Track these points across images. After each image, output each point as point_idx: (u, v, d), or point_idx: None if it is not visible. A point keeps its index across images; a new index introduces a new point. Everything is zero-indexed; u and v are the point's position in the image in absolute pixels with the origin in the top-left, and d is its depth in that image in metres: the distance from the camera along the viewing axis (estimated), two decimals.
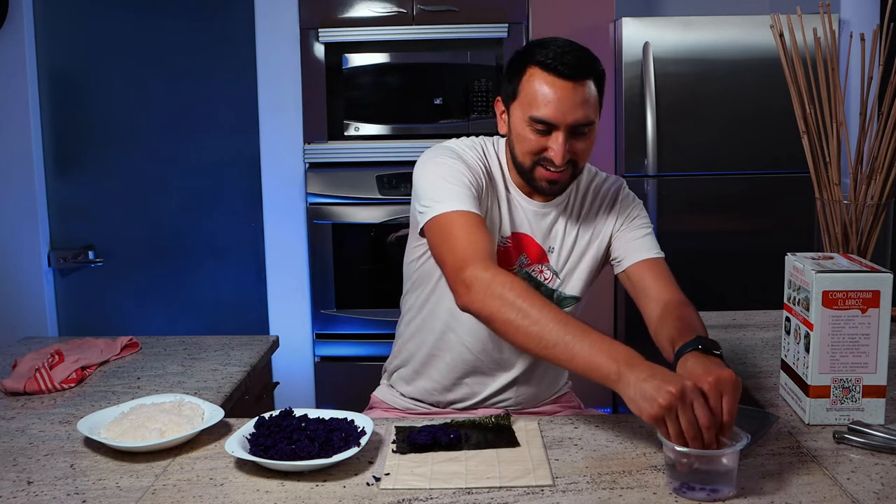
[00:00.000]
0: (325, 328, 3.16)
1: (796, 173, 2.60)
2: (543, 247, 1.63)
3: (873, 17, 2.97)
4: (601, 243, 1.65)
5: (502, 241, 1.60)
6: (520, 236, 1.61)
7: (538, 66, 1.47)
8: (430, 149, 1.60)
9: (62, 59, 3.26)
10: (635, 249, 1.61)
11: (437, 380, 1.68)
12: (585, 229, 1.65)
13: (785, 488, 1.15)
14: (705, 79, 2.97)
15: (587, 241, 1.65)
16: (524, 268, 1.62)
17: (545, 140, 1.49)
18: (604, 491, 1.15)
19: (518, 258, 1.61)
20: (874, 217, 1.84)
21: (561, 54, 1.46)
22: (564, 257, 1.64)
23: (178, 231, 3.33)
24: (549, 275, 1.63)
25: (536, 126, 1.48)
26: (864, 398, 1.33)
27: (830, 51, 1.85)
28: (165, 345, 1.92)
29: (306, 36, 3.09)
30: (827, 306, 1.31)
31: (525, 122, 1.49)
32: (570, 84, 1.46)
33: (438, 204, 1.48)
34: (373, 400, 1.81)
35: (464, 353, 1.64)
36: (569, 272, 1.64)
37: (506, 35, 3.04)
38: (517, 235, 1.61)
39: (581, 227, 1.65)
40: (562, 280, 1.64)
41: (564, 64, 1.46)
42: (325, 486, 1.18)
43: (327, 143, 3.11)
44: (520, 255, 1.62)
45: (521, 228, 1.61)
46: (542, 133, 1.49)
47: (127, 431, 1.31)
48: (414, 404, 1.73)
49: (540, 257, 1.62)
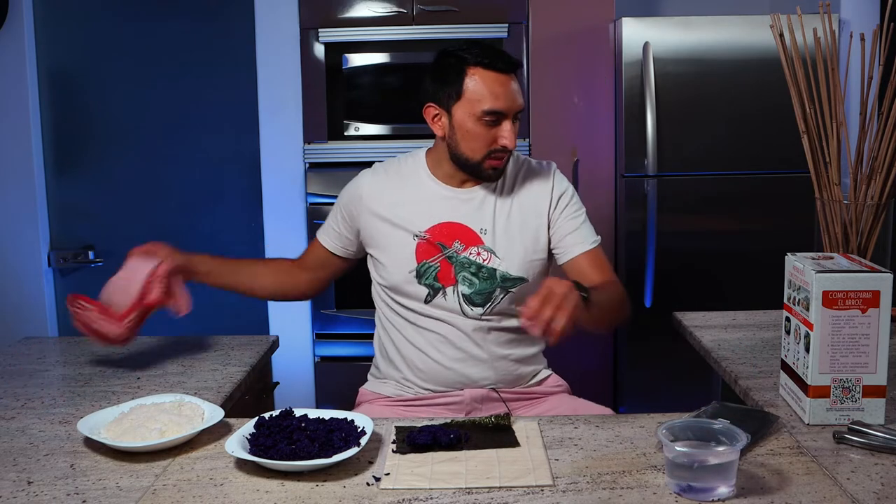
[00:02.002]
0: (325, 328, 3.16)
1: (796, 173, 2.60)
2: (474, 229, 1.74)
3: (873, 17, 2.97)
4: (539, 223, 1.76)
5: (418, 236, 1.74)
6: (449, 225, 1.74)
7: (479, 66, 1.66)
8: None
9: (62, 59, 3.25)
10: (573, 244, 1.77)
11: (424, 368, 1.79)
12: (519, 208, 1.77)
13: (785, 488, 1.15)
14: (705, 79, 2.97)
15: (521, 219, 1.75)
16: (460, 253, 1.73)
17: (495, 130, 1.67)
18: (604, 491, 1.15)
19: (451, 245, 1.73)
20: (874, 217, 1.84)
21: (492, 53, 1.67)
22: (500, 236, 1.74)
23: (178, 231, 3.33)
24: (487, 255, 1.74)
25: (486, 119, 1.66)
26: (864, 398, 1.33)
27: (830, 51, 1.85)
28: (165, 345, 1.92)
29: (306, 36, 3.09)
30: (827, 306, 1.31)
31: (474, 117, 1.66)
32: (508, 77, 1.67)
33: None
34: (361, 394, 1.89)
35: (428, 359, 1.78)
36: (507, 250, 1.74)
37: (506, 35, 3.04)
38: (446, 225, 1.74)
39: (513, 206, 1.76)
40: (501, 258, 1.74)
41: (501, 61, 1.66)
42: (325, 486, 1.18)
43: (327, 143, 3.11)
44: (453, 241, 1.74)
45: (450, 217, 1.75)
46: (491, 125, 1.67)
47: (127, 431, 1.31)
48: (400, 386, 1.81)
49: (474, 240, 1.74)
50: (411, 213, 1.76)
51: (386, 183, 1.81)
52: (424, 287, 1.74)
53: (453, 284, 1.73)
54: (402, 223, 1.75)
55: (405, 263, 1.75)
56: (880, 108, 1.84)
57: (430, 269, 1.74)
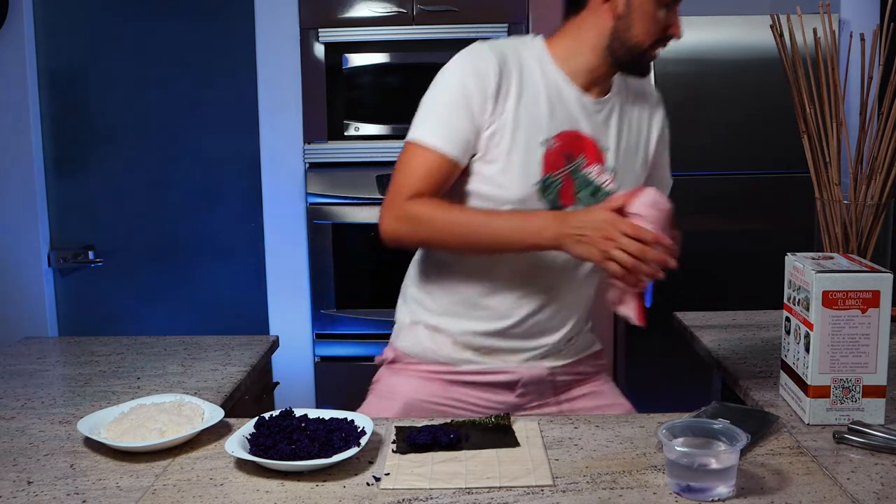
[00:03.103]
0: (325, 328, 3.16)
1: (796, 173, 2.60)
2: (599, 145, 1.54)
3: (873, 17, 2.97)
4: (647, 148, 1.63)
5: (547, 142, 1.49)
6: (577, 135, 1.52)
7: None
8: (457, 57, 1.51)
9: (62, 59, 3.25)
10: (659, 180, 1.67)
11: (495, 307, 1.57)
12: (631, 128, 1.60)
13: (785, 488, 1.15)
14: (705, 79, 2.97)
15: (634, 145, 1.60)
16: (581, 170, 1.52)
17: (669, 17, 1.51)
18: (604, 491, 1.15)
19: (575, 159, 1.51)
20: (874, 217, 1.84)
21: None
22: (620, 159, 1.57)
23: (178, 231, 3.33)
24: (608, 176, 1.55)
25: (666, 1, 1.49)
26: (864, 398, 1.33)
27: (830, 51, 1.85)
28: (165, 345, 1.92)
29: (306, 36, 3.09)
30: (827, 306, 1.31)
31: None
32: None
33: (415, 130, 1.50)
34: (396, 354, 1.65)
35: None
36: (623, 177, 1.57)
37: (506, 35, 3.04)
38: (573, 134, 1.52)
39: (627, 125, 1.59)
40: (619, 183, 1.56)
41: None
42: (325, 486, 1.18)
43: (327, 143, 3.11)
44: (578, 155, 1.52)
45: (577, 126, 1.52)
46: (667, 8, 1.50)
47: (127, 431, 1.31)
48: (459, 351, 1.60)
49: (597, 157, 1.54)
50: (538, 115, 1.49)
51: (511, 72, 1.49)
52: (545, 204, 1.50)
53: (573, 204, 1.52)
54: (527, 125, 1.48)
55: (530, 174, 1.48)
56: (880, 108, 1.84)
57: (554, 183, 1.50)
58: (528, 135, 1.48)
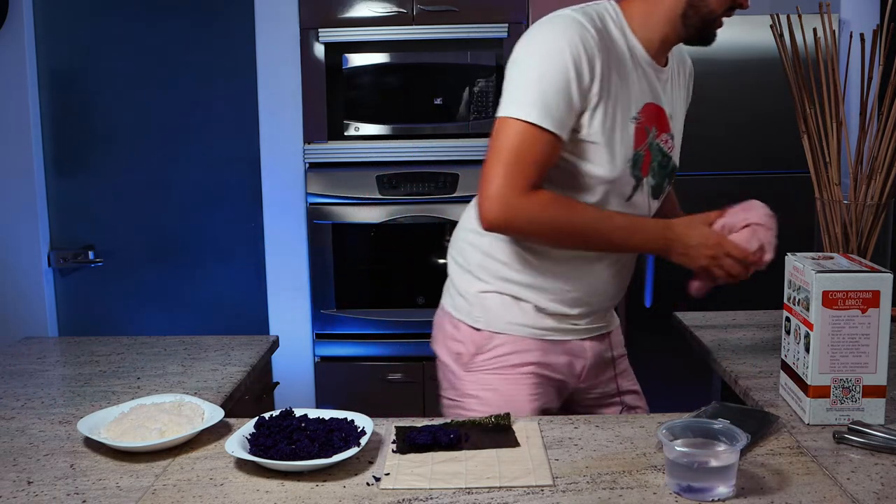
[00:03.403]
0: (325, 328, 3.16)
1: (796, 173, 2.60)
2: (667, 113, 1.55)
3: (873, 17, 2.97)
4: (683, 113, 1.66)
5: (635, 119, 1.48)
6: (652, 107, 1.52)
7: None
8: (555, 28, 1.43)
9: (62, 59, 3.25)
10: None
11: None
12: (678, 94, 1.62)
13: (785, 488, 1.15)
14: (705, 79, 2.96)
15: (681, 107, 1.64)
16: (655, 139, 1.52)
17: None
18: (604, 491, 1.15)
19: (651, 131, 1.51)
20: (874, 217, 1.84)
21: None
22: (676, 123, 1.60)
23: (178, 231, 3.33)
24: (671, 143, 1.56)
25: None
26: (864, 398, 1.33)
27: (830, 51, 1.85)
28: (165, 345, 1.92)
29: (306, 36, 3.09)
30: (827, 306, 1.31)
31: None
32: None
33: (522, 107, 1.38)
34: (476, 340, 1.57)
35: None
36: (676, 139, 1.60)
37: (506, 35, 3.04)
38: (652, 107, 1.51)
39: (676, 91, 1.61)
40: (675, 146, 1.59)
41: None
42: (325, 486, 1.18)
43: (327, 143, 3.11)
44: (653, 126, 1.51)
45: (652, 97, 1.52)
46: None
47: (127, 431, 1.31)
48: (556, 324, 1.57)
49: (666, 126, 1.55)
50: (627, 89, 1.47)
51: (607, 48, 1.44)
52: (631, 179, 1.49)
53: (647, 176, 1.52)
54: (621, 101, 1.46)
55: (626, 151, 1.47)
56: (880, 108, 1.84)
57: (640, 157, 1.50)
58: (622, 112, 1.46)
